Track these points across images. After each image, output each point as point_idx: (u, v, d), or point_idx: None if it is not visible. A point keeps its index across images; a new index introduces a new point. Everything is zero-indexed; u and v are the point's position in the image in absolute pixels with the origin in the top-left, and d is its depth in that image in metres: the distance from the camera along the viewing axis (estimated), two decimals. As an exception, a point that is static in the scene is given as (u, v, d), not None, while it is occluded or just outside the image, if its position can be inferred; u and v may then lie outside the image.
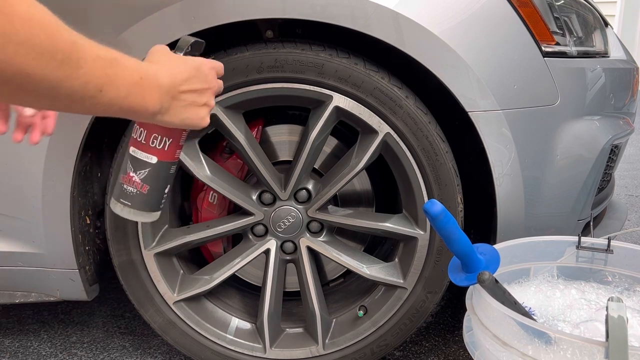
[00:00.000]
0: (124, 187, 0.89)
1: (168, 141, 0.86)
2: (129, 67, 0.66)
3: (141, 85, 0.68)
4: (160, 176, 0.88)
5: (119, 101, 0.65)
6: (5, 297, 1.32)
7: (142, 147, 0.86)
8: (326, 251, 1.29)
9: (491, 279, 0.89)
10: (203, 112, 0.82)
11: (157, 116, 0.74)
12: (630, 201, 2.94)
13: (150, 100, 0.71)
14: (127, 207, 0.89)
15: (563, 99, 1.19)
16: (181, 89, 0.78)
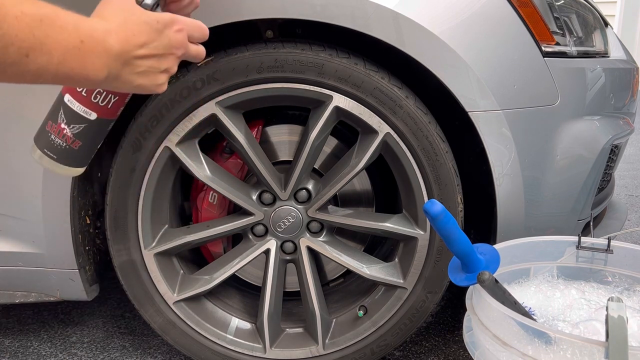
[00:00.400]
0: (51, 138, 0.76)
1: (114, 99, 0.75)
2: (66, 28, 0.55)
3: (81, 50, 0.57)
4: (97, 133, 0.77)
5: (52, 68, 0.55)
6: (5, 297, 1.32)
7: (82, 99, 0.74)
8: (326, 251, 1.29)
9: (491, 279, 0.89)
10: (162, 79, 0.70)
11: (104, 82, 0.63)
12: (630, 201, 2.94)
13: (92, 68, 0.59)
14: (52, 160, 0.77)
15: (563, 99, 1.19)
16: (136, 54, 0.65)
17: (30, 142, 0.81)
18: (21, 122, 1.15)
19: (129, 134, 1.19)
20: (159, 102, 1.16)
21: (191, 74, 1.15)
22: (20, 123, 1.15)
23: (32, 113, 1.14)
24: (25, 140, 1.16)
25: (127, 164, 1.20)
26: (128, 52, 0.64)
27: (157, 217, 1.27)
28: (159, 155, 1.20)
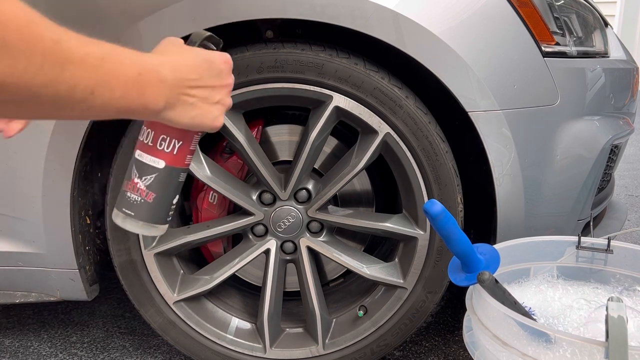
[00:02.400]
0: (127, 195, 0.78)
1: (178, 144, 0.76)
2: (125, 63, 0.58)
3: (139, 82, 0.60)
4: (168, 184, 0.78)
5: (115, 102, 0.58)
6: (5, 297, 1.32)
7: (149, 149, 0.76)
8: (326, 251, 1.29)
9: (491, 279, 0.89)
10: (216, 111, 0.72)
11: (163, 113, 0.66)
12: (630, 201, 2.94)
13: (151, 98, 0.62)
14: (130, 218, 0.78)
15: (563, 99, 1.19)
16: (190, 84, 0.68)
17: (31, 143, 0.79)
18: (21, 122, 1.15)
19: (129, 134, 1.19)
20: (159, 102, 1.16)
21: (191, 74, 1.15)
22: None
23: (32, 113, 1.14)
24: (26, 140, 1.16)
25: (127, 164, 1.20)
26: (182, 82, 0.67)
27: (157, 217, 1.27)
28: (159, 155, 1.20)
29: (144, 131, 0.78)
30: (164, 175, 0.77)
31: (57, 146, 1.16)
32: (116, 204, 0.80)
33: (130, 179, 0.78)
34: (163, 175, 0.77)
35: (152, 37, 1.09)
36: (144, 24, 1.09)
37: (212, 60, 0.72)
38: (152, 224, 0.79)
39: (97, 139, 1.28)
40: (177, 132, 0.75)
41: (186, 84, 0.68)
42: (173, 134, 0.76)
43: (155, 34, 1.09)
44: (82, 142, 1.17)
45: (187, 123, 0.70)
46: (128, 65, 0.59)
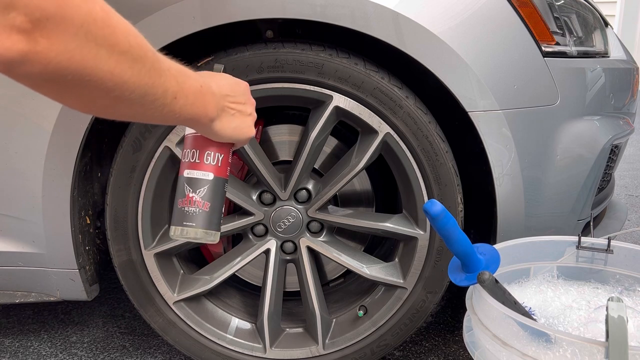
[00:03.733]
0: (185, 210, 0.89)
1: (220, 157, 0.88)
2: (191, 77, 0.69)
3: (202, 93, 0.71)
4: (218, 192, 0.89)
5: (188, 108, 0.68)
6: (5, 297, 1.32)
7: (197, 166, 0.88)
8: (326, 251, 1.29)
9: (491, 279, 0.89)
10: (249, 121, 0.85)
11: (213, 123, 0.77)
12: (630, 201, 2.94)
13: (209, 107, 0.74)
14: (192, 228, 0.88)
15: (563, 99, 1.19)
16: (230, 99, 0.81)
17: (31, 143, 0.79)
18: (22, 122, 1.15)
19: (129, 134, 1.19)
20: (159, 102, 1.16)
21: (191, 74, 1.15)
22: (20, 123, 1.15)
23: (33, 113, 1.14)
24: (26, 140, 1.16)
25: (127, 164, 1.20)
26: (224, 97, 0.79)
27: (157, 217, 1.27)
28: (159, 155, 1.20)
29: (188, 153, 0.89)
30: (214, 185, 0.89)
31: (57, 146, 1.16)
32: (173, 222, 0.90)
33: (185, 196, 0.89)
34: (213, 185, 0.89)
35: (152, 35, 1.09)
36: (144, 23, 1.08)
37: (239, 82, 0.86)
38: (212, 230, 0.90)
39: (97, 139, 1.28)
40: (217, 147, 0.87)
41: (227, 99, 0.80)
42: (215, 149, 0.87)
43: (155, 33, 1.09)
44: (82, 142, 1.17)
45: (229, 134, 0.82)
46: (193, 79, 0.70)
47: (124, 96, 0.56)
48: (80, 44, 0.48)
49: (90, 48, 0.49)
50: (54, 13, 0.44)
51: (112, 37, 0.51)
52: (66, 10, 0.45)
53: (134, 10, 1.09)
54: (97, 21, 0.49)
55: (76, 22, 0.46)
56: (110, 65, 0.52)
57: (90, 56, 0.49)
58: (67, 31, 0.46)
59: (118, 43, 0.52)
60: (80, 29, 0.47)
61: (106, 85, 0.53)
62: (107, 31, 0.50)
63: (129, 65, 0.55)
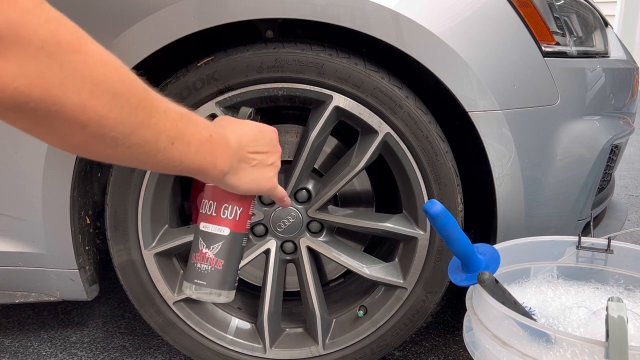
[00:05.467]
0: (197, 266, 0.83)
1: (239, 210, 0.82)
2: (199, 124, 0.65)
3: (211, 142, 0.66)
4: (234, 249, 0.83)
5: (190, 157, 0.63)
6: (5, 297, 1.32)
7: (213, 219, 0.82)
8: (326, 251, 1.29)
9: (491, 279, 0.89)
10: (270, 173, 0.79)
11: (227, 177, 0.72)
12: (630, 201, 2.94)
13: (220, 158, 0.68)
14: (202, 287, 0.82)
15: (563, 99, 1.19)
16: (249, 150, 0.75)
17: (31, 143, 0.78)
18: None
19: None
20: (159, 102, 1.16)
21: (191, 74, 1.15)
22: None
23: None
24: (26, 140, 1.16)
25: (127, 164, 1.20)
26: (243, 147, 0.74)
27: (157, 217, 1.27)
28: (159, 155, 1.20)
29: (205, 204, 0.83)
30: (229, 241, 0.82)
31: (57, 146, 1.16)
32: (185, 278, 0.84)
33: (198, 251, 0.83)
34: (229, 241, 0.82)
35: (153, 35, 1.09)
36: (144, 23, 1.08)
37: (264, 130, 0.80)
38: (224, 290, 0.84)
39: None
40: (237, 200, 0.82)
41: (246, 149, 0.75)
42: (233, 201, 0.82)
43: (156, 32, 1.09)
44: (82, 142, 1.17)
45: (247, 187, 0.77)
46: (201, 126, 0.65)
47: (104, 134, 0.51)
48: (41, 69, 0.43)
49: (54, 74, 0.45)
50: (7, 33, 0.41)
51: (82, 65, 0.47)
52: (22, 30, 0.41)
53: (134, 10, 1.09)
54: (61, 44, 0.45)
55: (35, 43, 0.42)
56: (82, 97, 0.47)
57: (55, 84, 0.45)
58: (25, 53, 0.42)
59: (91, 72, 0.48)
60: (41, 51, 0.43)
61: (78, 119, 0.48)
62: (75, 57, 0.46)
63: (107, 99, 0.49)
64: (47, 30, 0.44)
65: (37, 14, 0.43)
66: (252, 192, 0.79)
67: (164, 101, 0.59)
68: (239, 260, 0.85)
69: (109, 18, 1.10)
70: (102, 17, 1.10)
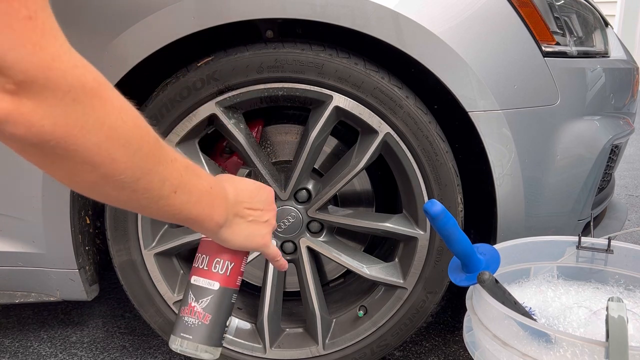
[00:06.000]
0: (185, 320, 0.83)
1: (230, 265, 0.83)
2: (201, 176, 0.67)
3: (210, 194, 0.68)
4: (223, 304, 0.83)
5: (190, 206, 0.65)
6: (5, 297, 1.32)
7: (204, 273, 0.83)
8: (326, 251, 1.29)
9: (491, 279, 0.89)
10: (265, 230, 0.81)
11: (222, 229, 0.73)
12: (630, 201, 2.94)
13: (217, 211, 0.70)
14: (187, 341, 0.81)
15: (563, 99, 1.19)
16: (246, 205, 0.77)
17: None
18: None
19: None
20: (159, 102, 1.16)
21: (191, 74, 1.15)
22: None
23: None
24: (25, 140, 1.16)
25: (127, 164, 1.20)
26: (240, 203, 0.76)
27: (157, 217, 1.27)
28: (159, 155, 1.19)
29: (198, 258, 0.84)
30: (218, 296, 0.82)
31: (57, 146, 1.16)
32: (173, 331, 0.84)
33: (187, 304, 0.83)
34: (218, 296, 0.82)
35: (153, 35, 1.09)
36: (144, 22, 1.08)
37: (262, 188, 0.82)
38: (210, 346, 0.83)
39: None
40: (229, 255, 0.82)
41: (242, 205, 0.76)
42: (226, 256, 0.82)
43: (155, 32, 1.09)
44: (82, 142, 1.17)
45: (240, 242, 0.78)
46: (203, 178, 0.68)
47: (114, 176, 0.54)
48: (65, 111, 0.47)
49: (77, 117, 0.48)
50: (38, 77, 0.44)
51: (102, 110, 0.50)
52: (51, 75, 0.45)
53: (134, 11, 1.09)
54: (86, 90, 0.48)
55: (62, 88, 0.46)
56: (99, 138, 0.50)
57: (77, 125, 0.48)
58: (53, 96, 0.45)
59: (109, 117, 0.51)
60: (67, 95, 0.46)
61: (93, 159, 0.51)
62: (97, 102, 0.49)
63: (121, 143, 0.52)
64: (74, 76, 0.47)
65: (66, 60, 0.46)
66: (245, 248, 0.80)
67: (172, 151, 0.62)
68: (227, 317, 0.85)
69: (109, 18, 1.09)
70: (102, 17, 1.10)
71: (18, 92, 0.43)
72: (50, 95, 0.45)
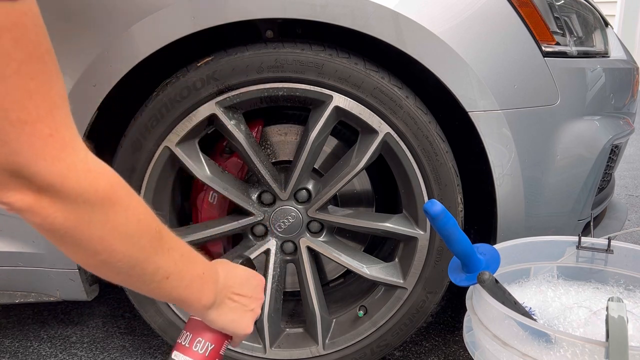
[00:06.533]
0: None
1: (210, 347, 0.85)
2: (196, 262, 0.72)
3: (202, 279, 0.73)
4: None
5: (180, 290, 0.70)
6: (5, 297, 1.32)
7: (185, 350, 0.85)
8: (326, 251, 1.29)
9: (491, 279, 0.89)
10: (249, 318, 0.84)
11: (208, 311, 0.77)
12: (630, 201, 2.94)
13: (206, 294, 0.74)
14: None
15: (563, 99, 1.19)
16: (234, 291, 0.81)
17: None
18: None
19: (129, 134, 1.19)
20: (159, 102, 1.16)
21: (191, 74, 1.15)
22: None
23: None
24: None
25: (127, 164, 1.20)
26: (229, 287, 0.80)
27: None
28: (158, 155, 1.20)
29: (182, 334, 0.86)
30: None
31: (57, 146, 1.16)
32: None
33: None
34: None
35: (153, 34, 1.09)
36: (144, 22, 1.08)
37: (252, 277, 0.87)
38: None
39: (97, 138, 1.27)
40: (211, 336, 0.85)
41: (232, 290, 0.81)
42: (207, 337, 0.85)
43: (155, 32, 1.09)
44: (82, 142, 1.17)
45: (224, 324, 0.81)
46: (197, 264, 0.72)
47: (111, 263, 0.60)
48: (76, 209, 0.54)
49: (86, 214, 0.55)
50: (55, 183, 0.52)
51: (110, 209, 0.57)
52: (66, 181, 0.52)
53: (133, 11, 1.09)
54: (97, 193, 0.55)
55: (76, 191, 0.53)
56: (103, 233, 0.57)
57: (85, 221, 0.55)
58: (67, 197, 0.53)
59: (115, 215, 0.57)
60: (80, 197, 0.54)
61: (95, 248, 0.58)
62: (106, 202, 0.56)
63: (122, 237, 0.59)
64: (87, 181, 0.54)
65: (80, 168, 0.54)
66: (227, 331, 0.83)
67: (170, 239, 0.68)
68: None
69: (109, 18, 1.09)
70: (102, 17, 1.10)
71: (39, 191, 0.52)
72: (64, 196, 0.53)
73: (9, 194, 0.52)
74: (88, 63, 1.10)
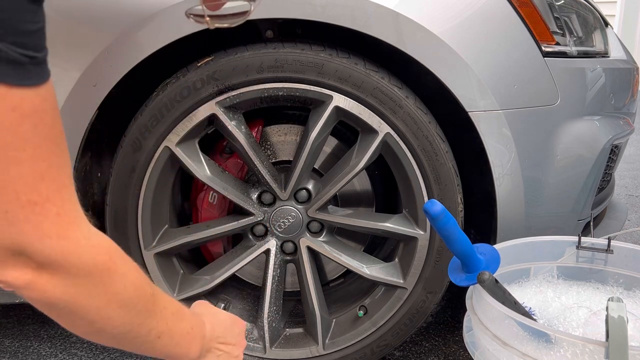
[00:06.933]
0: None
1: None
2: (185, 318, 0.73)
3: (191, 335, 0.74)
4: None
5: (170, 348, 0.70)
6: (5, 297, 1.32)
7: None
8: (326, 251, 1.29)
9: (491, 279, 0.89)
10: None
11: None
12: (630, 201, 2.94)
13: (193, 348, 0.75)
14: None
15: (563, 99, 1.19)
16: (220, 340, 0.82)
17: None
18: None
19: (129, 134, 1.19)
20: (159, 102, 1.16)
21: (191, 73, 1.15)
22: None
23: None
24: (25, 140, 1.16)
25: (127, 164, 1.20)
26: (215, 338, 0.81)
27: (157, 217, 1.27)
28: (159, 155, 1.20)
29: None
30: None
31: (57, 146, 1.16)
32: None
33: None
34: None
35: (152, 36, 1.09)
36: (144, 22, 1.08)
37: (236, 323, 0.89)
38: None
39: (97, 139, 1.27)
40: None
41: (218, 340, 0.82)
42: None
43: (155, 32, 1.09)
44: (82, 142, 1.17)
45: None
46: (186, 320, 0.74)
47: (106, 331, 0.61)
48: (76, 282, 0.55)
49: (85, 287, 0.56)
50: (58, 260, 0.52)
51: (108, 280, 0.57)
52: (70, 258, 0.53)
53: (134, 11, 1.09)
54: (97, 266, 0.56)
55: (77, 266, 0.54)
56: (100, 303, 0.58)
57: (83, 293, 0.56)
58: (67, 272, 0.53)
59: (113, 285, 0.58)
60: (81, 271, 0.54)
61: (92, 318, 0.59)
62: (104, 274, 0.57)
63: (118, 306, 0.59)
64: (89, 255, 0.55)
65: (84, 244, 0.54)
66: None
67: (162, 299, 0.68)
68: None
69: (109, 18, 1.09)
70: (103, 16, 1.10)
71: (39, 268, 0.52)
72: (65, 271, 0.53)
73: (7, 272, 0.51)
74: (88, 63, 1.10)
